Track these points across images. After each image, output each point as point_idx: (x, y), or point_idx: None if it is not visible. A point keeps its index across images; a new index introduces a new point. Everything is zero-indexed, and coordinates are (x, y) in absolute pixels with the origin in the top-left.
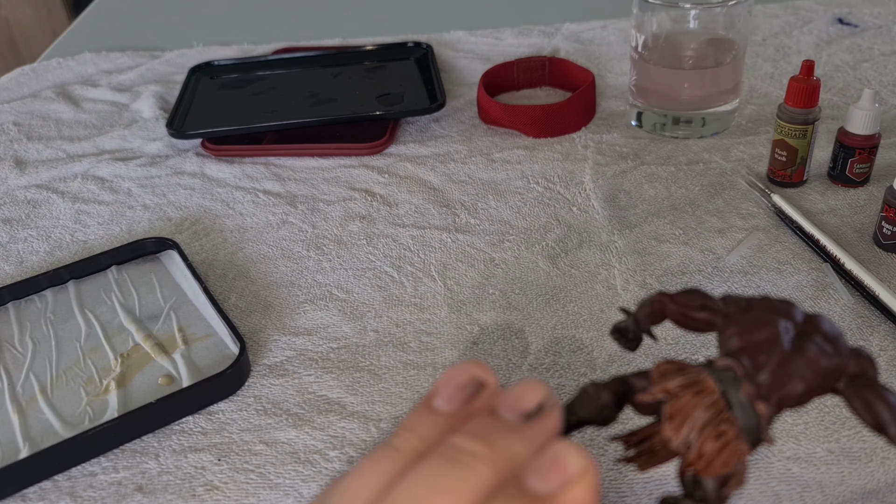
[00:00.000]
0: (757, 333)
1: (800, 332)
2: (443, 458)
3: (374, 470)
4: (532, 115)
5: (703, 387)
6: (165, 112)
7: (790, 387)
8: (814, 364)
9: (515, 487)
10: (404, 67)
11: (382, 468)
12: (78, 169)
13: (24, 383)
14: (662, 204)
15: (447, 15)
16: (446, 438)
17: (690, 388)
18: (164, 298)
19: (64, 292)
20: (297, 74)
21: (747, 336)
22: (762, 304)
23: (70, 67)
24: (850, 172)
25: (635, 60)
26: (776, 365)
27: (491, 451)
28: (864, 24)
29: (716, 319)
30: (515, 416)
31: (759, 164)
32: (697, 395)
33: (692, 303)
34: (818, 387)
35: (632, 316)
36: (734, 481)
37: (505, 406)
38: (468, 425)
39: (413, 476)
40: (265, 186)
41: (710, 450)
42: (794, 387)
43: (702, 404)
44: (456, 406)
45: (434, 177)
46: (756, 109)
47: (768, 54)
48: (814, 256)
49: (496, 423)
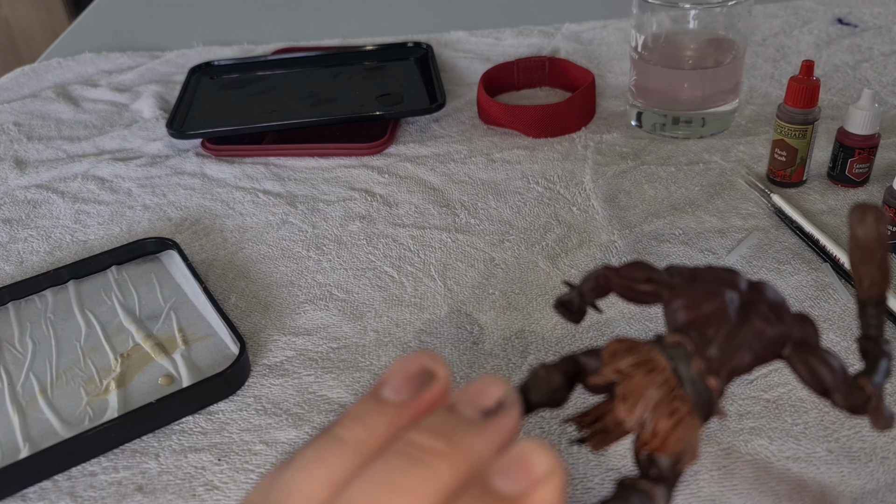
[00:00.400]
0: (704, 306)
1: (745, 302)
2: (401, 455)
3: (320, 463)
4: (532, 115)
5: (654, 365)
6: (165, 112)
7: (738, 358)
8: (760, 334)
9: (480, 488)
10: (404, 67)
11: (329, 461)
12: (78, 169)
13: (24, 383)
14: (662, 204)
15: (447, 15)
16: (404, 434)
17: (642, 366)
18: (165, 298)
19: (64, 292)
20: (297, 74)
21: (695, 309)
22: (707, 275)
23: (70, 67)
24: (850, 172)
25: (635, 60)
26: (724, 338)
27: (452, 448)
28: (863, 25)
29: (661, 291)
30: (475, 413)
31: (758, 165)
32: (649, 374)
33: (637, 276)
34: (765, 355)
35: (576, 289)
36: (688, 457)
37: (464, 402)
38: (426, 421)
39: (370, 474)
40: (265, 186)
41: (663, 428)
42: (742, 358)
43: (654, 383)
44: (405, 396)
45: (434, 177)
46: (756, 109)
47: (768, 54)
48: (813, 256)
49: (456, 420)
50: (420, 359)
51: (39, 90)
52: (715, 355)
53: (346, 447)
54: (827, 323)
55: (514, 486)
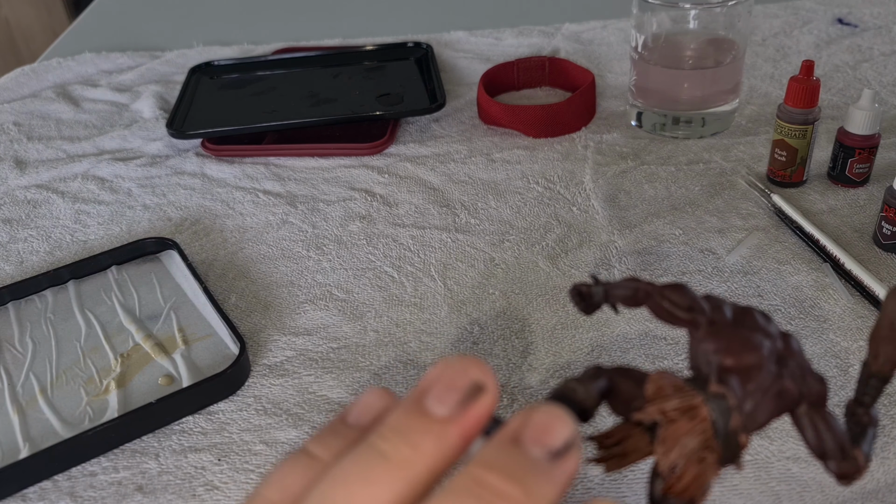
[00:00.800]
0: (746, 357)
1: (778, 357)
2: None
3: (366, 482)
4: (532, 116)
5: (697, 414)
6: (165, 112)
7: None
8: (788, 393)
9: None
10: (404, 67)
11: (376, 481)
12: (78, 169)
13: (24, 383)
14: (662, 204)
15: (447, 15)
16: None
17: (686, 413)
18: (164, 298)
19: (64, 292)
20: (297, 74)
21: (737, 358)
22: (747, 318)
23: (70, 67)
24: (850, 172)
25: (635, 60)
26: (761, 395)
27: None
28: (863, 25)
29: (700, 324)
30: (545, 454)
31: (758, 164)
32: (691, 422)
33: (679, 302)
34: (782, 411)
35: (602, 286)
36: (699, 499)
37: (532, 439)
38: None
39: None
40: (265, 186)
41: (690, 474)
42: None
43: (694, 431)
44: (451, 410)
45: (434, 177)
46: (756, 109)
47: (768, 54)
48: (814, 256)
49: (527, 462)
50: (468, 368)
51: (39, 90)
52: (750, 411)
53: (391, 466)
54: (827, 323)
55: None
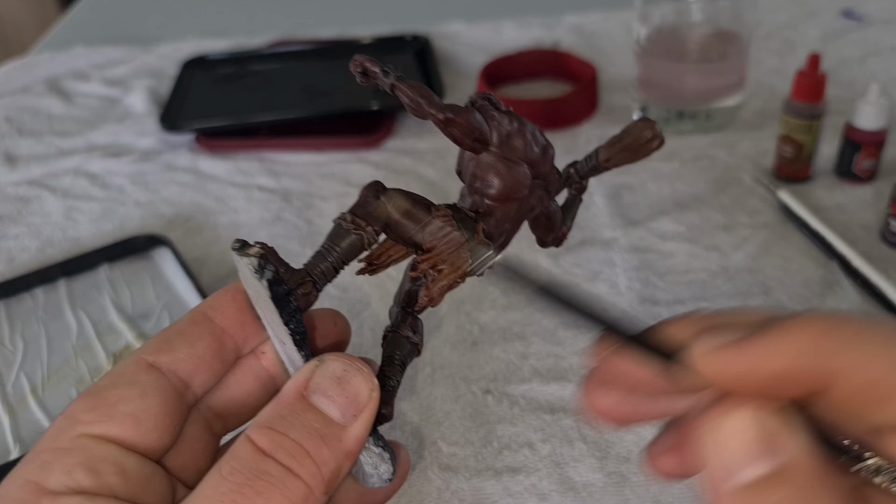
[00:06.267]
0: (511, 204)
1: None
2: (251, 480)
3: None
4: (533, 109)
5: (461, 266)
6: (158, 106)
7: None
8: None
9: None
10: (402, 61)
11: None
12: (69, 164)
13: (14, 383)
14: (666, 201)
15: (446, 6)
16: (249, 442)
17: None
18: (157, 297)
19: (55, 290)
20: (292, 68)
21: (504, 203)
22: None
23: (61, 61)
24: (857, 168)
25: (638, 54)
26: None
27: (318, 470)
28: (870, 18)
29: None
30: (339, 415)
31: (764, 160)
32: (454, 272)
33: (469, 133)
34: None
35: (392, 82)
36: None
37: (324, 394)
38: (274, 420)
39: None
40: (259, 182)
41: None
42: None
43: (453, 276)
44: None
45: (432, 171)
46: (761, 104)
47: (774, 48)
48: (820, 253)
49: (318, 425)
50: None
51: (30, 84)
52: (502, 241)
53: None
54: None
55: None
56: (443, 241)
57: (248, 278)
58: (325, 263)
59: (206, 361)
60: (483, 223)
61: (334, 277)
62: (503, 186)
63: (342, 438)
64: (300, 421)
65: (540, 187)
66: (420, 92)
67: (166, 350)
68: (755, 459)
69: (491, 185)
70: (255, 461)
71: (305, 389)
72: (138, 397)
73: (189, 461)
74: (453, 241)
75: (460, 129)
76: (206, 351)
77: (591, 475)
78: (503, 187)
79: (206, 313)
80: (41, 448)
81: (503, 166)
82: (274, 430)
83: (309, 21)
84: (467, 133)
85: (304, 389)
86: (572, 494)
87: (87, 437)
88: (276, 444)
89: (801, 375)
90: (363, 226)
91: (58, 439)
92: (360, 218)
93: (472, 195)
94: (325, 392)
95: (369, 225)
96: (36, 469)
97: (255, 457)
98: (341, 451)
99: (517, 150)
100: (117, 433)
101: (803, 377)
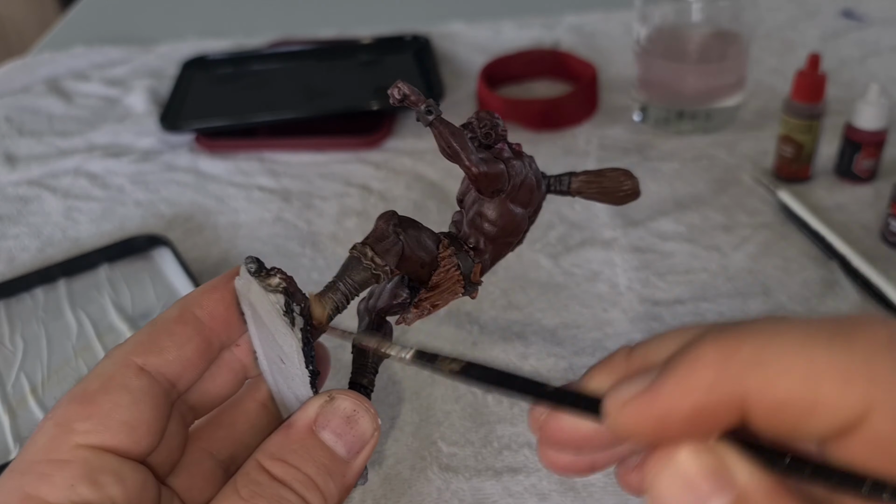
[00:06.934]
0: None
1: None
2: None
3: None
4: (533, 109)
5: (457, 291)
6: (158, 106)
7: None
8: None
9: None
10: (402, 61)
11: None
12: (69, 164)
13: (14, 383)
14: (666, 201)
15: (446, 6)
16: (259, 471)
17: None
18: (157, 296)
19: (55, 290)
20: (292, 68)
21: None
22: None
23: (61, 61)
24: (857, 168)
25: (638, 53)
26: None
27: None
28: (870, 18)
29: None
30: (345, 452)
31: (764, 160)
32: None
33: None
34: None
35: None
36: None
37: (335, 431)
38: (284, 452)
39: None
40: (259, 182)
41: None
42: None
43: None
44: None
45: (432, 171)
46: (761, 104)
47: (774, 48)
48: (820, 253)
49: (326, 460)
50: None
51: (30, 84)
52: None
53: None
54: None
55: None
56: (446, 281)
57: (261, 301)
58: (338, 295)
59: (194, 362)
60: (480, 261)
61: (344, 309)
62: (504, 230)
63: (345, 474)
64: (311, 456)
65: (529, 220)
66: (458, 140)
67: (155, 351)
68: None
69: (494, 226)
70: (274, 487)
71: (315, 425)
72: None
73: (166, 456)
74: (456, 281)
75: (487, 181)
76: (195, 353)
77: (592, 475)
78: (504, 231)
79: (195, 312)
80: (36, 458)
81: (507, 212)
82: (287, 463)
83: (309, 21)
84: (492, 185)
85: (313, 425)
86: (572, 494)
87: (86, 447)
88: (290, 476)
89: (718, 406)
90: (381, 265)
91: (54, 450)
92: (377, 255)
93: (472, 230)
94: (335, 430)
95: (386, 264)
96: (35, 481)
97: (273, 483)
98: (344, 485)
99: (522, 199)
100: (114, 443)
101: (721, 407)
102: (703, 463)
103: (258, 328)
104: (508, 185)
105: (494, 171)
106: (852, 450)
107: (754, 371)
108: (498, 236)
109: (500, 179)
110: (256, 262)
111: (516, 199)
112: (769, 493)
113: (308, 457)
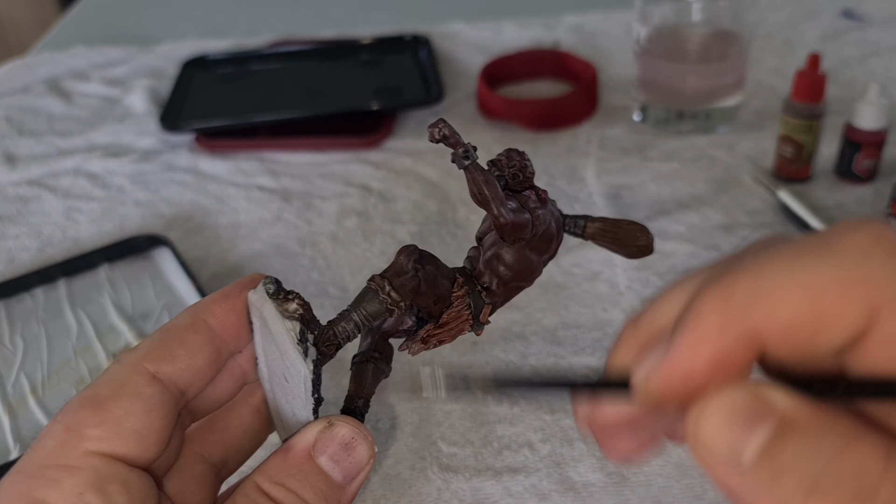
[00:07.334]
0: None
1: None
2: None
3: None
4: (533, 109)
5: (464, 328)
6: (158, 106)
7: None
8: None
9: None
10: (402, 61)
11: None
12: (69, 164)
13: (14, 383)
14: (666, 201)
15: (447, 6)
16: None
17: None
18: (157, 296)
19: (55, 290)
20: (292, 68)
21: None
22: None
23: (61, 61)
24: (857, 168)
25: (638, 54)
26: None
27: None
28: (870, 18)
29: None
30: (342, 478)
31: (764, 160)
32: (459, 332)
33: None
34: None
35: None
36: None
37: (333, 457)
38: (282, 476)
39: None
40: (259, 182)
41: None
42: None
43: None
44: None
45: (432, 171)
46: (761, 104)
47: (774, 48)
48: None
49: (324, 487)
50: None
51: (30, 84)
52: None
53: None
54: None
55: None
56: (456, 319)
57: (275, 323)
58: (351, 325)
59: (204, 371)
60: (490, 302)
61: (355, 338)
62: (519, 275)
63: (340, 499)
64: (308, 481)
65: (543, 264)
66: (490, 189)
67: (168, 360)
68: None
69: (510, 270)
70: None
71: (313, 450)
72: (143, 412)
73: (165, 461)
74: (465, 320)
75: (513, 230)
76: (205, 362)
77: (591, 475)
78: (518, 276)
79: (207, 321)
80: (45, 462)
81: (524, 259)
82: (285, 487)
83: (309, 21)
84: (516, 235)
85: (312, 450)
86: (572, 494)
87: (96, 455)
88: (289, 500)
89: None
90: (397, 301)
91: (63, 455)
92: (395, 290)
93: (486, 270)
94: (333, 456)
95: (402, 300)
96: (43, 486)
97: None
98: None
99: (541, 247)
100: (124, 451)
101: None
102: (739, 397)
103: (264, 340)
104: (531, 233)
105: (520, 221)
106: (872, 355)
107: (754, 306)
108: (511, 280)
109: (524, 230)
110: (275, 284)
111: (535, 247)
112: (811, 414)
113: (305, 481)
